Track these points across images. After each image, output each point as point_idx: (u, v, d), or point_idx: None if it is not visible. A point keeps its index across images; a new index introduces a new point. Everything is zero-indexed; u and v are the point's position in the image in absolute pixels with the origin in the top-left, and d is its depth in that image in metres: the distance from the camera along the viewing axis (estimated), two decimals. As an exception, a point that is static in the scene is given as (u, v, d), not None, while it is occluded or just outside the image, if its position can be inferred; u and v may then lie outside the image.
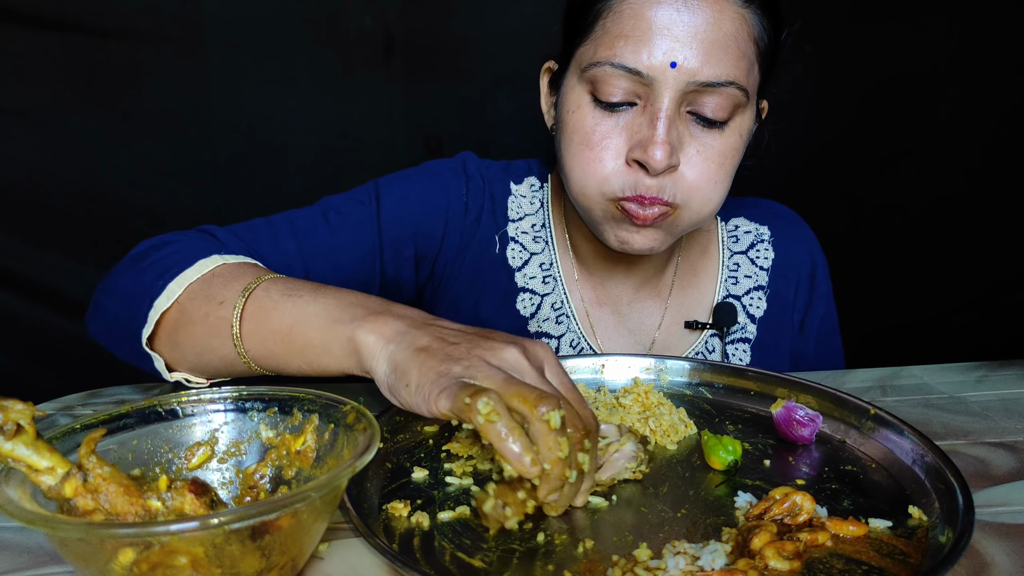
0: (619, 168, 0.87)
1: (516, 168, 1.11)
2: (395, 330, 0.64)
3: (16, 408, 0.46)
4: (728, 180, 0.91)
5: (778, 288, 1.10)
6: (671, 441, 0.75)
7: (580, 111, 0.88)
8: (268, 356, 0.74)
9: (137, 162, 1.55)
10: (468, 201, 1.05)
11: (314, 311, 0.69)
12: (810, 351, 1.13)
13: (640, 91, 0.85)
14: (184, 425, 0.58)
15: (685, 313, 1.08)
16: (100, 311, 0.85)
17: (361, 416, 0.55)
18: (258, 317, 0.73)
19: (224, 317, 0.74)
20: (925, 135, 1.71)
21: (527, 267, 1.06)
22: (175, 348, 0.79)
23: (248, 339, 0.73)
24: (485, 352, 0.60)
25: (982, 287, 1.82)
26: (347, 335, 0.66)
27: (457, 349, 0.60)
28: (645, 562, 0.54)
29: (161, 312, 0.76)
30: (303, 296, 0.71)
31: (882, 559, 0.55)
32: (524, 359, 0.61)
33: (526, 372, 0.60)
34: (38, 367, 1.57)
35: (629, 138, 0.86)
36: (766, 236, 1.12)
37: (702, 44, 0.82)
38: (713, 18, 0.82)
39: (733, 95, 0.84)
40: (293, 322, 0.70)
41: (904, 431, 0.71)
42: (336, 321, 0.67)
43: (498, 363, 0.59)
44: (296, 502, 0.44)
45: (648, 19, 0.82)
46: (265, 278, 0.75)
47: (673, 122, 0.84)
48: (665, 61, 0.82)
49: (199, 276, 0.77)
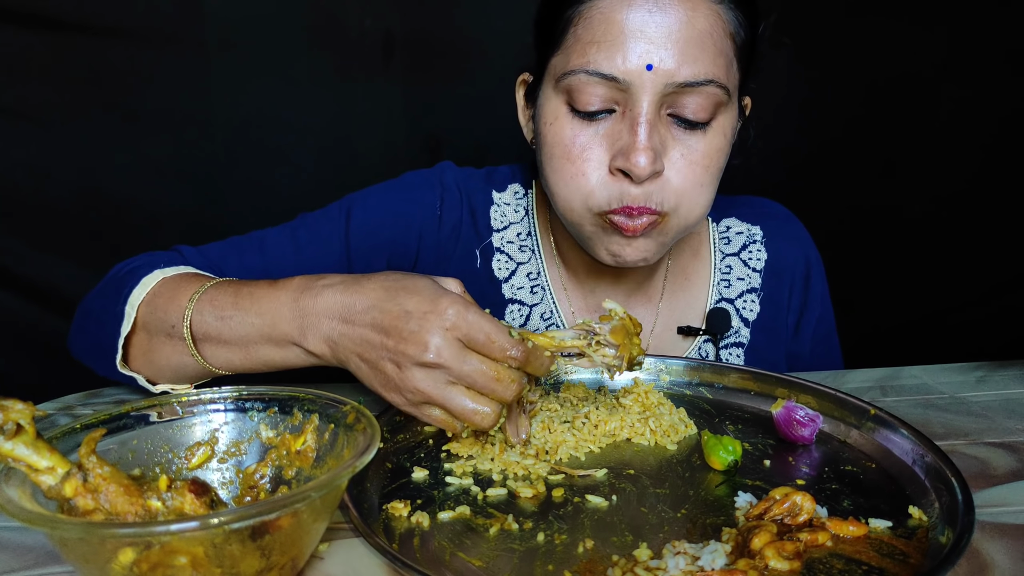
0: (603, 179, 0.85)
1: (499, 175, 1.10)
2: (327, 338, 0.70)
3: (16, 408, 0.46)
4: (715, 182, 0.89)
5: (771, 290, 1.09)
6: (671, 441, 0.75)
7: (558, 123, 0.86)
8: (240, 368, 0.78)
9: (137, 162, 1.55)
10: (442, 215, 1.03)
11: (252, 332, 0.74)
12: (805, 353, 1.12)
13: (618, 97, 0.83)
14: (184, 425, 0.58)
15: (677, 319, 1.07)
16: (80, 333, 0.87)
17: (361, 416, 0.55)
18: (211, 342, 0.76)
19: (181, 341, 0.77)
20: (925, 135, 1.71)
21: (514, 278, 1.05)
22: (150, 366, 0.82)
23: (212, 360, 0.78)
24: (412, 371, 0.65)
25: (982, 287, 1.82)
26: (297, 351, 0.73)
27: (387, 368, 0.67)
28: (645, 562, 0.55)
29: (125, 337, 0.79)
30: (232, 315, 0.75)
31: (882, 559, 0.55)
32: (444, 349, 0.64)
33: (451, 366, 0.64)
34: (38, 367, 1.57)
35: (610, 147, 0.84)
36: (758, 236, 1.10)
37: (677, 44, 0.80)
38: (686, 16, 0.80)
39: (713, 94, 0.83)
40: (244, 343, 0.75)
41: (904, 431, 0.71)
42: (278, 338, 0.73)
43: (428, 383, 0.65)
44: (296, 502, 0.44)
45: (620, 23, 0.80)
46: (195, 297, 0.77)
47: (654, 126, 0.82)
48: (641, 64, 0.80)
49: (143, 296, 0.80)
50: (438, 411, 0.67)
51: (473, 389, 0.65)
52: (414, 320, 0.65)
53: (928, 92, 1.69)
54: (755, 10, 0.88)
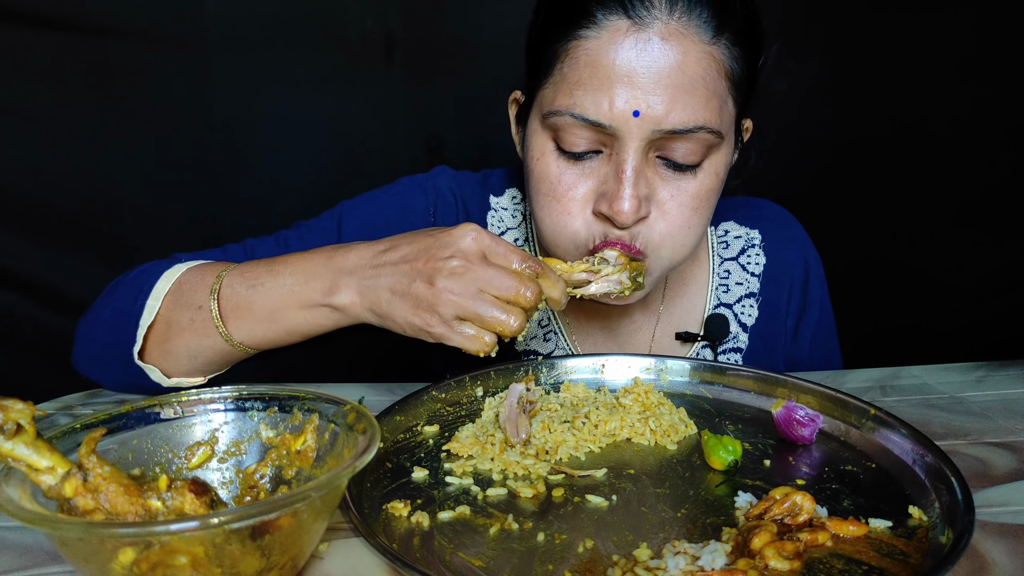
0: (588, 219, 0.84)
1: (496, 178, 1.09)
2: (359, 287, 0.74)
3: (16, 408, 0.46)
4: (704, 222, 0.87)
5: (770, 294, 1.08)
6: (671, 441, 0.75)
7: (544, 159, 0.85)
8: (262, 340, 0.80)
9: (137, 161, 1.55)
10: (435, 221, 1.03)
11: (284, 295, 0.77)
12: (804, 356, 1.11)
13: (604, 140, 0.81)
14: (184, 425, 0.58)
15: (676, 324, 1.06)
16: (88, 344, 0.87)
17: (361, 416, 0.55)
18: (238, 312, 0.79)
19: (207, 319, 0.79)
20: (926, 135, 1.71)
21: None
22: (167, 357, 0.82)
23: (237, 332, 0.79)
24: (444, 282, 0.69)
25: (982, 287, 1.82)
26: (326, 309, 0.76)
27: (419, 288, 0.70)
28: (645, 562, 0.55)
29: (147, 327, 0.80)
30: (264, 282, 0.78)
31: (882, 559, 0.55)
32: (471, 253, 0.70)
33: (477, 270, 0.69)
34: (38, 367, 1.57)
35: (596, 187, 0.83)
36: (757, 240, 1.09)
37: (667, 90, 0.76)
38: (677, 61, 0.76)
39: (704, 139, 0.80)
40: (271, 308, 0.77)
41: (904, 431, 0.71)
42: (308, 300, 0.76)
43: (460, 290, 0.69)
44: (296, 502, 0.44)
45: (606, 66, 0.77)
46: (223, 274, 0.80)
47: (641, 172, 0.80)
48: (627, 110, 0.77)
49: (169, 287, 0.82)
50: (469, 327, 0.70)
51: (500, 298, 0.69)
52: (439, 240, 0.70)
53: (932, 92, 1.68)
54: (757, 41, 0.84)
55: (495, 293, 0.69)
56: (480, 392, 0.85)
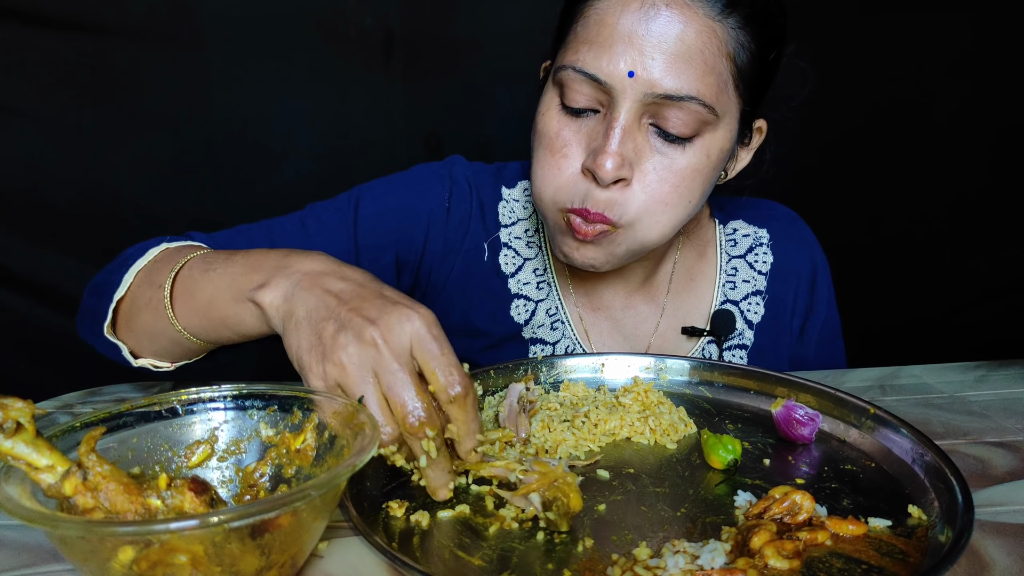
0: (573, 177, 0.85)
1: (509, 171, 1.10)
2: (287, 292, 0.64)
3: (16, 406, 0.46)
4: (684, 204, 0.86)
5: (777, 293, 1.09)
6: (671, 440, 0.75)
7: (548, 114, 0.87)
8: (200, 331, 0.76)
9: (137, 160, 1.55)
10: (450, 206, 1.04)
11: (224, 283, 0.71)
12: (810, 357, 1.11)
13: (602, 99, 0.83)
14: (184, 423, 0.58)
15: (682, 319, 1.07)
16: (84, 312, 0.88)
17: (361, 415, 0.55)
18: (184, 296, 0.75)
19: (160, 299, 0.76)
20: (927, 135, 1.71)
21: (520, 273, 1.05)
22: (131, 335, 0.82)
23: (181, 318, 0.76)
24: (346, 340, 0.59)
25: (983, 287, 1.82)
26: (251, 305, 0.67)
27: (327, 329, 0.60)
28: (645, 561, 0.54)
29: (116, 301, 0.79)
30: (216, 268, 0.73)
31: (882, 558, 0.55)
32: (393, 336, 0.58)
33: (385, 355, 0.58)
34: (38, 366, 1.57)
35: (587, 146, 0.84)
36: (765, 239, 1.10)
37: (665, 55, 0.79)
38: (678, 29, 0.79)
39: (696, 111, 0.81)
40: (210, 297, 0.72)
41: (904, 431, 0.71)
42: (240, 291, 0.68)
43: (356, 359, 0.58)
44: (296, 500, 0.44)
45: (611, 26, 0.80)
46: (192, 256, 0.76)
47: (630, 133, 0.82)
48: (624, 70, 0.79)
49: (145, 263, 0.80)
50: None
51: (385, 400, 0.59)
52: (383, 302, 0.60)
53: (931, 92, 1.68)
54: (771, 33, 0.85)
55: (384, 390, 0.58)
56: (479, 391, 0.85)
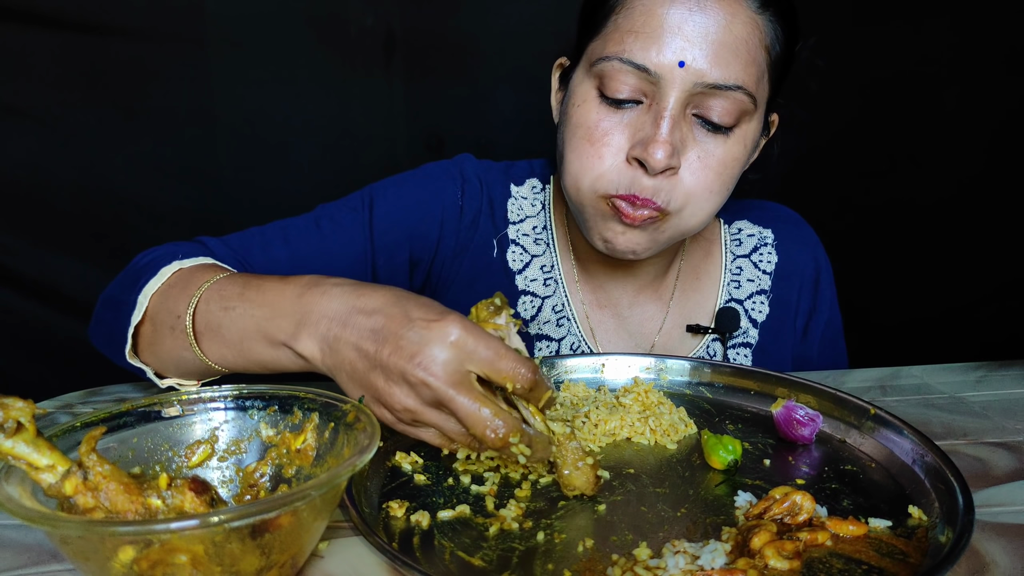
0: (617, 165, 0.87)
1: (518, 169, 1.11)
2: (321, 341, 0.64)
3: (16, 406, 0.46)
4: (724, 191, 0.90)
5: (781, 292, 1.10)
6: (671, 441, 0.75)
7: (586, 105, 0.88)
8: (235, 365, 0.75)
9: (138, 161, 1.55)
10: (463, 204, 1.05)
11: (251, 327, 0.69)
12: (813, 356, 1.12)
13: (647, 89, 0.84)
14: (184, 423, 0.58)
15: (687, 317, 1.08)
16: (98, 323, 0.86)
17: (361, 415, 0.55)
18: (210, 334, 0.73)
19: (183, 331, 0.74)
20: (927, 135, 1.71)
21: (528, 269, 1.06)
22: (156, 359, 0.80)
23: (210, 354, 0.74)
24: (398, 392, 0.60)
25: (983, 287, 1.82)
26: (290, 352, 0.67)
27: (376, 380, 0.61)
28: (645, 561, 0.55)
29: (135, 326, 0.77)
30: (235, 307, 0.71)
31: (882, 559, 0.55)
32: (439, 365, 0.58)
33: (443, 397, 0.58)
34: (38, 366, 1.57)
35: (631, 136, 0.86)
36: (769, 239, 1.11)
37: (712, 45, 0.82)
38: (725, 20, 0.82)
39: (740, 100, 0.84)
40: (240, 338, 0.71)
41: (904, 431, 0.71)
42: (271, 338, 0.68)
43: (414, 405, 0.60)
44: (296, 500, 0.44)
45: (660, 17, 0.82)
46: (206, 285, 0.74)
47: (677, 123, 0.84)
48: (674, 60, 0.82)
49: (158, 287, 0.78)
50: (427, 430, 0.63)
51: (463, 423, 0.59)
52: (416, 328, 0.59)
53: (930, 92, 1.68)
54: (795, 28, 0.89)
55: (460, 419, 0.59)
56: (480, 391, 0.85)
